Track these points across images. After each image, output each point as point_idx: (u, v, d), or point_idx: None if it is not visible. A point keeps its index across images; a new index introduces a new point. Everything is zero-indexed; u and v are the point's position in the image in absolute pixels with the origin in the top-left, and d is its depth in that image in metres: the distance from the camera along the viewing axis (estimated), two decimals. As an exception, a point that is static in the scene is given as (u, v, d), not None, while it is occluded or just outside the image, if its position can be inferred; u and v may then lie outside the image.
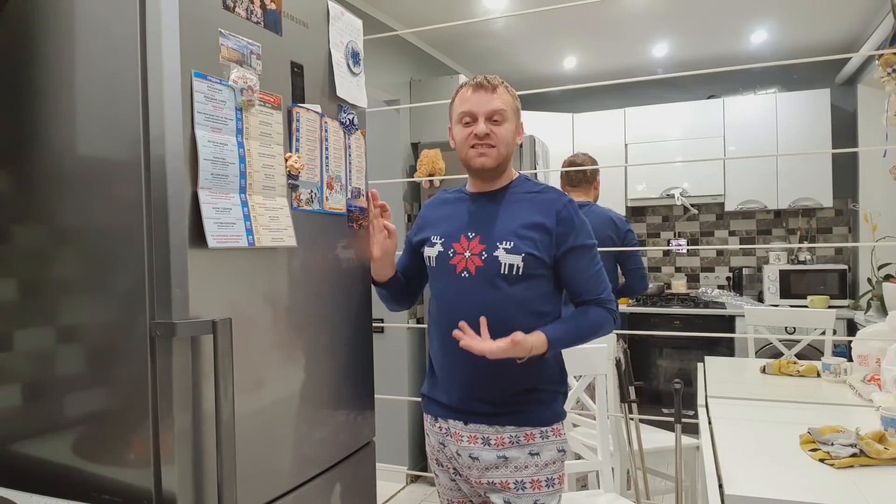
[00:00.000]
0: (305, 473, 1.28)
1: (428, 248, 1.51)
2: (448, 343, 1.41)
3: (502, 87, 1.46)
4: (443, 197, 1.60)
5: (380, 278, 1.57)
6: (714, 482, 1.29)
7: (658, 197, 4.30)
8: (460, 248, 1.44)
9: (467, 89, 1.46)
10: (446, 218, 1.52)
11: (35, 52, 1.09)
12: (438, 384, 1.49)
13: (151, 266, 1.01)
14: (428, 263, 1.52)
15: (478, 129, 1.42)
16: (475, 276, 1.41)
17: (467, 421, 1.44)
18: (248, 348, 1.14)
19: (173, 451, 1.00)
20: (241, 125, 1.12)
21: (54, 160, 1.08)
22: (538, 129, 3.95)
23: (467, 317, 1.38)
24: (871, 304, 3.52)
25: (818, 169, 3.94)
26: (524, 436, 1.42)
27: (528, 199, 1.46)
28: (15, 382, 1.12)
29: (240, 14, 1.13)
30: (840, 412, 1.76)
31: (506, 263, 1.39)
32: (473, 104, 1.43)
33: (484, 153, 1.43)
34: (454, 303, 1.43)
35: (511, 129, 1.46)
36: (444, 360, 1.47)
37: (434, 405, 1.51)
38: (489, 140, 1.42)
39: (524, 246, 1.39)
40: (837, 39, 3.91)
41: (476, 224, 1.46)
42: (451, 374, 1.45)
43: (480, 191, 1.51)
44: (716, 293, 4.34)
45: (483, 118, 1.42)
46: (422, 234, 1.56)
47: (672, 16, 3.47)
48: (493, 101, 1.43)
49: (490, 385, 1.41)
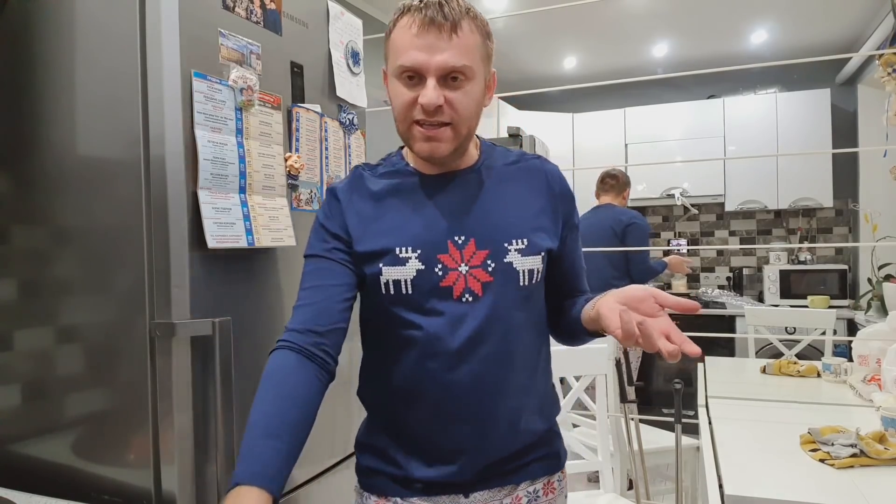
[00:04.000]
0: (305, 474, 1.29)
1: (391, 266, 0.93)
2: (448, 404, 0.94)
3: (467, 21, 0.89)
4: (375, 181, 0.99)
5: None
6: (714, 482, 1.29)
7: (658, 197, 4.30)
8: (451, 262, 0.92)
9: (413, 24, 0.87)
10: (405, 216, 0.95)
11: (35, 52, 1.09)
12: (415, 461, 0.98)
13: (151, 266, 1.01)
14: (385, 291, 0.93)
15: (425, 96, 0.87)
16: (483, 299, 0.93)
17: (469, 492, 0.99)
18: (247, 348, 1.14)
19: (173, 451, 1.00)
20: (240, 125, 1.12)
21: (54, 160, 1.08)
22: (538, 129, 3.95)
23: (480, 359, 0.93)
24: (871, 304, 3.52)
25: (818, 169, 3.94)
26: (542, 487, 1.04)
27: (514, 174, 1.00)
28: (15, 382, 1.12)
29: (240, 14, 1.13)
30: (840, 412, 1.75)
31: (524, 271, 0.94)
32: (421, 54, 0.86)
33: (434, 136, 0.89)
34: (456, 346, 0.92)
35: (478, 90, 0.92)
36: (436, 428, 0.96)
37: (405, 486, 0.99)
38: (442, 116, 0.88)
39: (541, 240, 0.97)
40: (837, 39, 3.91)
41: (460, 221, 0.94)
42: (454, 440, 0.96)
43: (441, 170, 0.98)
44: (716, 293, 4.34)
45: (434, 77, 0.87)
46: (371, 243, 0.94)
47: (672, 16, 3.47)
48: (453, 49, 0.87)
49: (517, 436, 0.99)
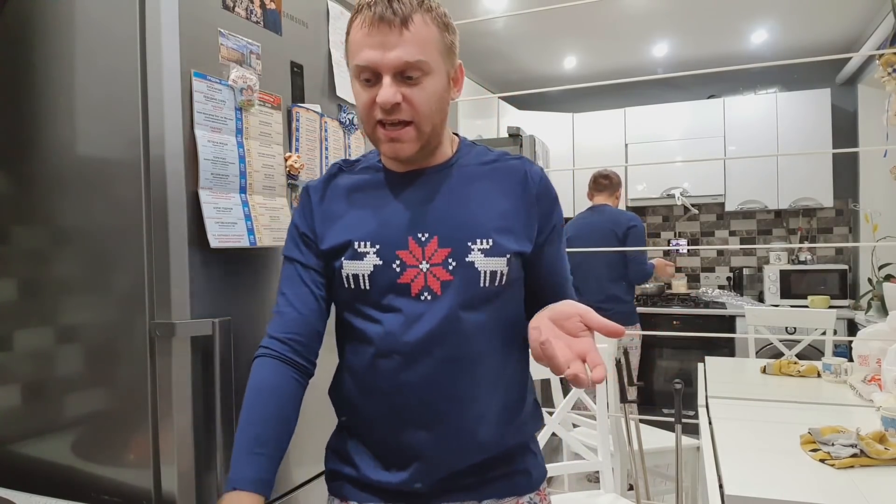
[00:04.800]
0: (305, 474, 1.29)
1: (350, 261, 0.94)
2: (402, 404, 0.93)
3: (420, 14, 0.88)
4: (346, 177, 1.01)
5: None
6: (714, 482, 1.29)
7: (658, 197, 4.30)
8: (410, 259, 0.92)
9: (363, 21, 0.88)
10: (369, 212, 0.96)
11: (35, 52, 1.09)
12: (373, 464, 0.97)
13: (151, 266, 1.01)
14: (347, 286, 0.95)
15: (381, 95, 0.87)
16: (441, 298, 0.92)
17: (430, 500, 0.97)
18: (247, 348, 1.14)
19: (173, 451, 1.00)
20: (240, 125, 1.12)
21: (54, 160, 1.08)
22: (538, 129, 3.95)
23: (435, 361, 0.91)
24: (871, 304, 3.52)
25: (819, 169, 3.94)
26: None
27: (488, 174, 0.98)
28: (15, 382, 1.12)
29: (239, 14, 1.13)
30: (840, 412, 1.75)
31: (486, 272, 0.92)
32: (373, 52, 0.87)
33: (396, 137, 0.90)
34: (410, 345, 0.91)
35: (438, 85, 0.91)
36: (391, 429, 0.95)
37: (364, 490, 0.98)
38: (400, 114, 0.89)
39: (507, 242, 0.94)
40: (838, 39, 3.91)
41: (425, 218, 0.94)
42: (409, 445, 0.94)
43: (412, 168, 0.98)
44: (716, 293, 4.34)
45: (389, 75, 0.87)
46: (333, 239, 0.96)
47: (672, 16, 3.47)
48: (405, 44, 0.86)
49: (476, 447, 0.95)
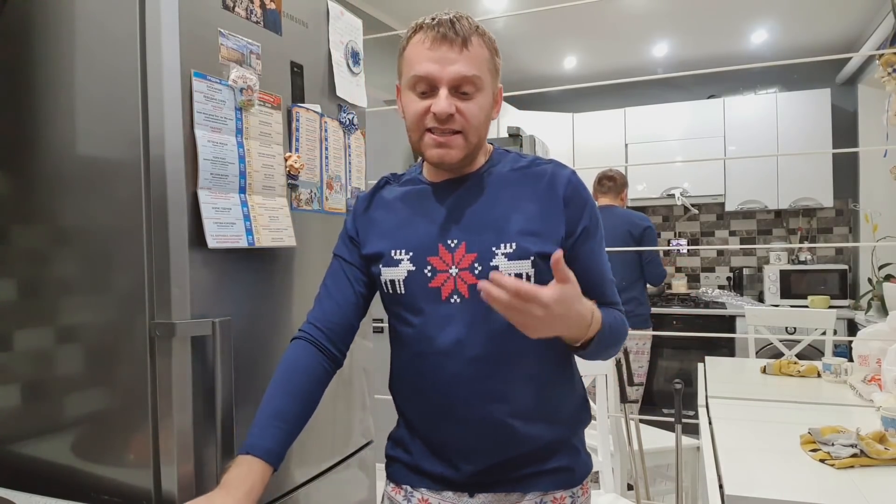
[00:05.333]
0: (305, 474, 1.28)
1: (388, 267, 1.03)
2: (441, 402, 1.02)
3: (476, 37, 0.96)
4: (392, 189, 1.10)
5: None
6: (714, 482, 1.29)
7: (658, 197, 4.30)
8: (441, 264, 1.00)
9: (426, 39, 0.96)
10: (405, 221, 1.05)
11: (35, 52, 1.09)
12: (424, 452, 1.06)
13: (151, 266, 1.01)
14: (386, 290, 1.04)
15: (438, 105, 0.95)
16: (469, 301, 0.98)
17: (474, 493, 1.04)
18: (247, 348, 1.14)
19: (173, 451, 1.00)
20: (240, 125, 1.12)
21: (54, 160, 1.08)
22: (538, 129, 3.95)
23: (466, 361, 0.99)
24: (871, 304, 3.52)
25: (818, 169, 3.94)
26: (551, 502, 1.05)
27: (518, 179, 1.04)
28: (15, 382, 1.12)
29: (239, 14, 1.13)
30: (840, 412, 1.75)
31: (511, 275, 0.97)
32: (433, 65, 0.95)
33: (445, 143, 0.97)
34: (441, 346, 1.00)
35: (486, 101, 0.99)
36: (435, 423, 1.04)
37: (416, 474, 1.08)
38: (453, 124, 0.96)
39: (531, 245, 0.98)
40: (838, 39, 3.92)
41: (455, 225, 1.01)
42: (449, 439, 1.03)
43: (447, 178, 1.05)
44: (716, 293, 4.34)
45: (446, 87, 0.95)
46: (372, 246, 1.06)
47: (672, 16, 3.47)
48: (464, 61, 0.95)
49: (514, 442, 1.02)
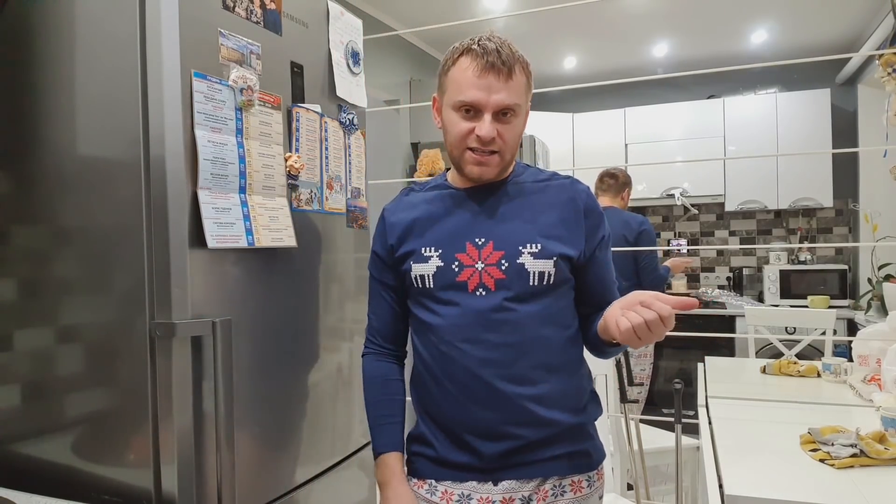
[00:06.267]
0: (305, 474, 1.29)
1: (417, 263, 1.11)
2: (467, 386, 1.08)
3: (518, 66, 1.07)
4: (416, 195, 1.20)
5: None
6: (714, 482, 1.29)
7: (658, 197, 4.30)
8: (468, 259, 1.09)
9: (474, 66, 1.05)
10: (434, 221, 1.14)
11: (35, 52, 1.09)
12: (447, 444, 1.12)
13: (151, 266, 1.01)
14: (416, 285, 1.12)
15: (482, 129, 1.06)
16: (495, 294, 1.08)
17: (498, 480, 1.09)
18: (247, 348, 1.14)
19: (173, 451, 1.00)
20: (240, 125, 1.12)
21: (54, 160, 1.08)
22: (538, 129, 3.95)
23: (491, 346, 1.07)
24: (871, 304, 3.52)
25: (818, 169, 3.94)
26: (570, 485, 1.12)
27: (540, 190, 1.15)
28: (15, 382, 1.12)
29: (240, 14, 1.13)
30: (840, 412, 1.75)
31: (535, 272, 1.07)
32: (481, 93, 1.05)
33: (484, 162, 1.08)
34: (469, 332, 1.08)
35: (522, 123, 1.12)
36: (459, 410, 1.10)
37: (441, 467, 1.12)
38: (493, 146, 1.07)
39: (554, 246, 1.09)
40: (838, 39, 3.91)
41: (482, 226, 1.11)
42: (475, 424, 1.09)
43: (475, 185, 1.15)
44: (716, 293, 4.34)
45: (491, 113, 1.06)
46: (404, 246, 1.15)
47: (672, 16, 3.47)
48: (507, 90, 1.05)
49: (536, 424, 1.08)
